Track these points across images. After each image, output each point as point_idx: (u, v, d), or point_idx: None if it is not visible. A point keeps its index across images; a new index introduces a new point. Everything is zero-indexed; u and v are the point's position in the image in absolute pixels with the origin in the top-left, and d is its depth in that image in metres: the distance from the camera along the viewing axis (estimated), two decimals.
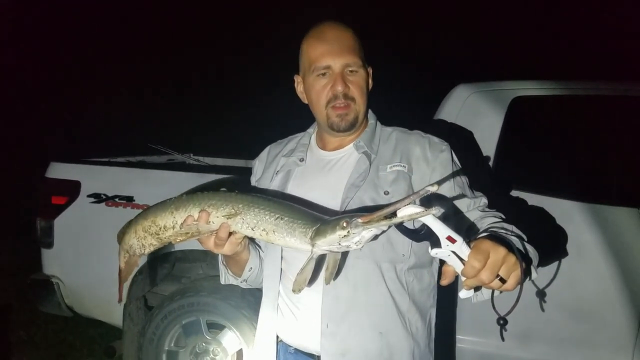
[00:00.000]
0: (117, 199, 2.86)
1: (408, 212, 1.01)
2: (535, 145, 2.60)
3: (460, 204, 1.43)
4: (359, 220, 1.07)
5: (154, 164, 3.83)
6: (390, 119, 1.67)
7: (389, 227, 1.09)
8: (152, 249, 1.39)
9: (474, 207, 1.42)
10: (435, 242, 1.04)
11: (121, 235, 1.45)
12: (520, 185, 2.45)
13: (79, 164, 3.16)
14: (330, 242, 1.11)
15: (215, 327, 2.72)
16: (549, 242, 2.28)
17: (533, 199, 2.41)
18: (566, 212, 2.37)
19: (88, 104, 9.30)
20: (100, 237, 2.90)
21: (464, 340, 2.50)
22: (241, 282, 1.61)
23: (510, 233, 1.22)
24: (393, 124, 1.63)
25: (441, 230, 1.03)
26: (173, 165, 3.91)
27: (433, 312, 1.50)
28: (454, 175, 1.45)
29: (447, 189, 1.43)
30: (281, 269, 1.51)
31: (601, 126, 2.58)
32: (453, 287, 1.12)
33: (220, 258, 1.60)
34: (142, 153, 4.01)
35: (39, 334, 4.22)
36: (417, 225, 1.08)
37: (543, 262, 1.32)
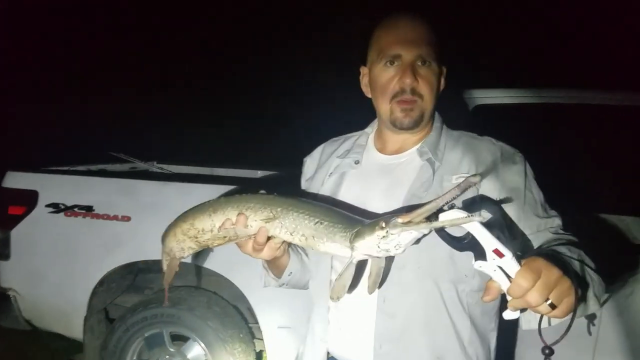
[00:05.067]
0: (76, 209, 2.78)
1: (450, 216, 0.93)
2: None
3: (530, 224, 1.30)
4: (398, 220, 0.99)
5: (115, 172, 3.76)
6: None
7: (430, 230, 1.01)
8: (191, 252, 1.35)
9: (544, 228, 1.30)
10: (481, 254, 0.95)
11: (163, 238, 1.39)
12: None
13: (36, 172, 3.06)
14: (369, 245, 1.05)
15: (180, 339, 2.68)
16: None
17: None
18: None
19: (46, 110, 9.05)
20: (59, 248, 2.85)
21: None
22: (280, 285, 1.52)
23: (574, 258, 1.12)
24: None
25: (488, 241, 0.94)
26: (135, 174, 3.83)
27: (494, 337, 1.38)
28: (525, 190, 1.33)
29: (516, 207, 1.30)
30: (331, 280, 1.40)
31: (562, 133, 2.64)
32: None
33: (262, 262, 1.49)
34: (103, 161, 3.93)
35: None
36: (461, 233, 0.98)
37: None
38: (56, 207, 2.83)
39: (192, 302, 2.64)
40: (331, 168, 1.52)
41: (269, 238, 1.20)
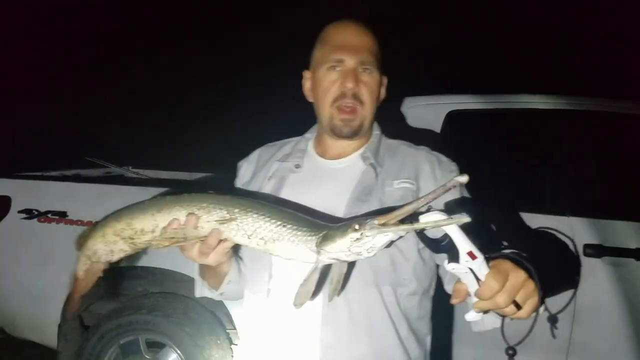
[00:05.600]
0: (49, 215, 2.75)
1: (433, 218, 0.92)
2: (470, 159, 2.70)
3: None
4: (375, 221, 0.96)
5: (89, 177, 3.71)
6: None
7: (407, 232, 1.00)
8: (121, 255, 1.22)
9: None
10: (454, 256, 0.95)
11: (82, 240, 1.26)
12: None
13: (9, 178, 3.03)
14: (340, 248, 1.00)
15: (157, 346, 2.65)
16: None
17: None
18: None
19: (18, 112, 8.88)
20: (33, 255, 2.81)
21: None
22: (218, 295, 1.44)
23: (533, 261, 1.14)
24: None
25: (463, 243, 0.94)
26: (110, 179, 3.79)
27: (429, 340, 1.42)
28: (460, 198, 1.34)
29: None
30: (268, 289, 1.35)
31: (531, 139, 2.71)
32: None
33: (197, 269, 1.42)
34: (77, 166, 3.89)
35: None
36: (438, 235, 0.98)
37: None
38: (29, 213, 2.80)
39: (168, 309, 2.62)
40: (270, 172, 1.49)
41: (219, 241, 1.14)
